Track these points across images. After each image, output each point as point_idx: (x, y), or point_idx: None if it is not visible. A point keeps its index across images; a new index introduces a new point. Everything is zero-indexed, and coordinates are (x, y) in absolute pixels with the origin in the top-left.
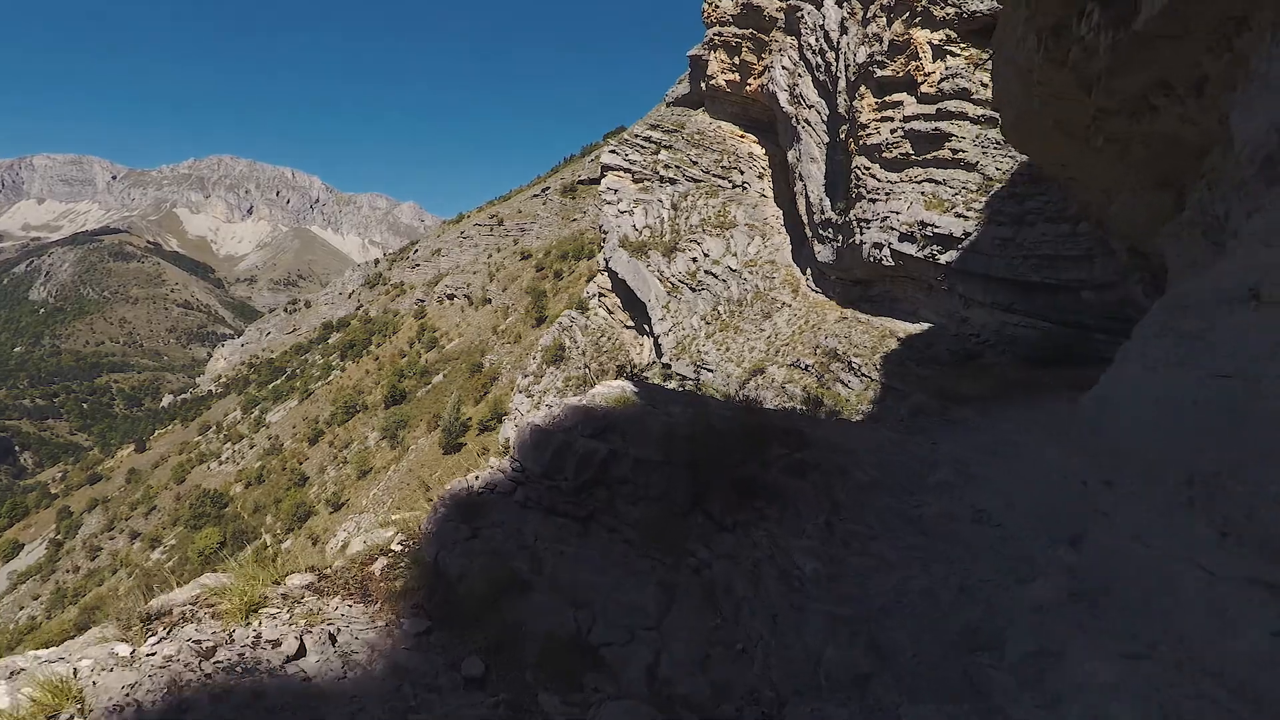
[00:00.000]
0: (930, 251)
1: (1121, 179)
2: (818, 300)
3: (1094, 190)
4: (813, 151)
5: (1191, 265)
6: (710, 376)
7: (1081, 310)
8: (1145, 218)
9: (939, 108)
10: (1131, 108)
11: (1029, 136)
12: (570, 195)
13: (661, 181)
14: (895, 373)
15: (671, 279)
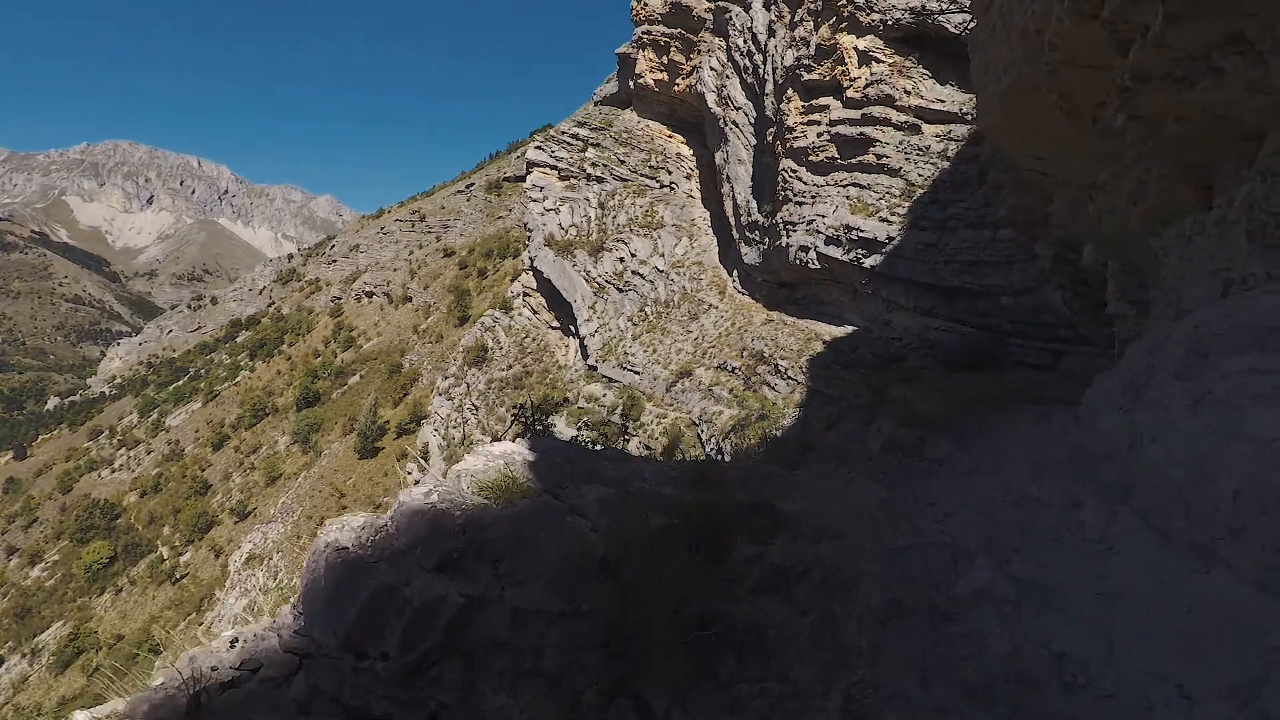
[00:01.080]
0: (855, 255)
1: (1125, 171)
2: (744, 302)
3: (1068, 188)
4: (740, 153)
5: (1219, 273)
6: (637, 379)
7: (1000, 315)
8: (1143, 218)
9: (864, 113)
10: (1182, 71)
11: (1015, 119)
12: (495, 192)
13: (588, 180)
14: (821, 376)
15: (598, 279)
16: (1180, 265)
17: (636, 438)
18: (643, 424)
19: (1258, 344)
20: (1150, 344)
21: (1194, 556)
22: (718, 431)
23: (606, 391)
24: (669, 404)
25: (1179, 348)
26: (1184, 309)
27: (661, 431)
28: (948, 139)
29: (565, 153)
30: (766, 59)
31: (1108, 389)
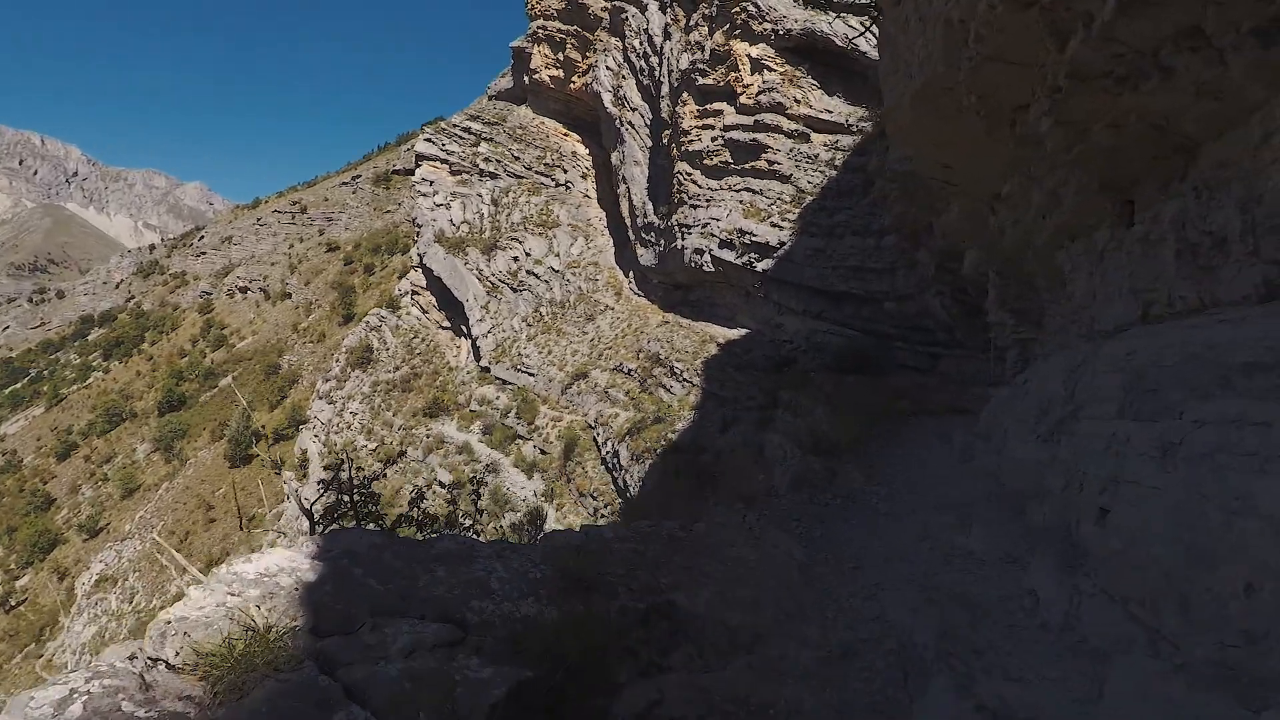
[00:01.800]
0: (748, 259)
1: (1037, 181)
2: (640, 304)
3: (969, 199)
4: (636, 154)
5: (1139, 294)
6: (532, 381)
7: (884, 320)
8: (1053, 231)
9: (757, 120)
10: (1126, 70)
11: (925, 123)
12: (384, 185)
13: (481, 175)
14: (716, 378)
15: (491, 278)
16: (1091, 282)
17: (531, 441)
18: (537, 427)
19: (1224, 383)
20: (1064, 365)
21: (1215, 683)
22: (614, 435)
23: (500, 394)
24: (565, 406)
25: (1111, 376)
26: (1099, 329)
27: (557, 435)
28: (835, 148)
29: (457, 147)
30: (662, 61)
31: (1015, 411)
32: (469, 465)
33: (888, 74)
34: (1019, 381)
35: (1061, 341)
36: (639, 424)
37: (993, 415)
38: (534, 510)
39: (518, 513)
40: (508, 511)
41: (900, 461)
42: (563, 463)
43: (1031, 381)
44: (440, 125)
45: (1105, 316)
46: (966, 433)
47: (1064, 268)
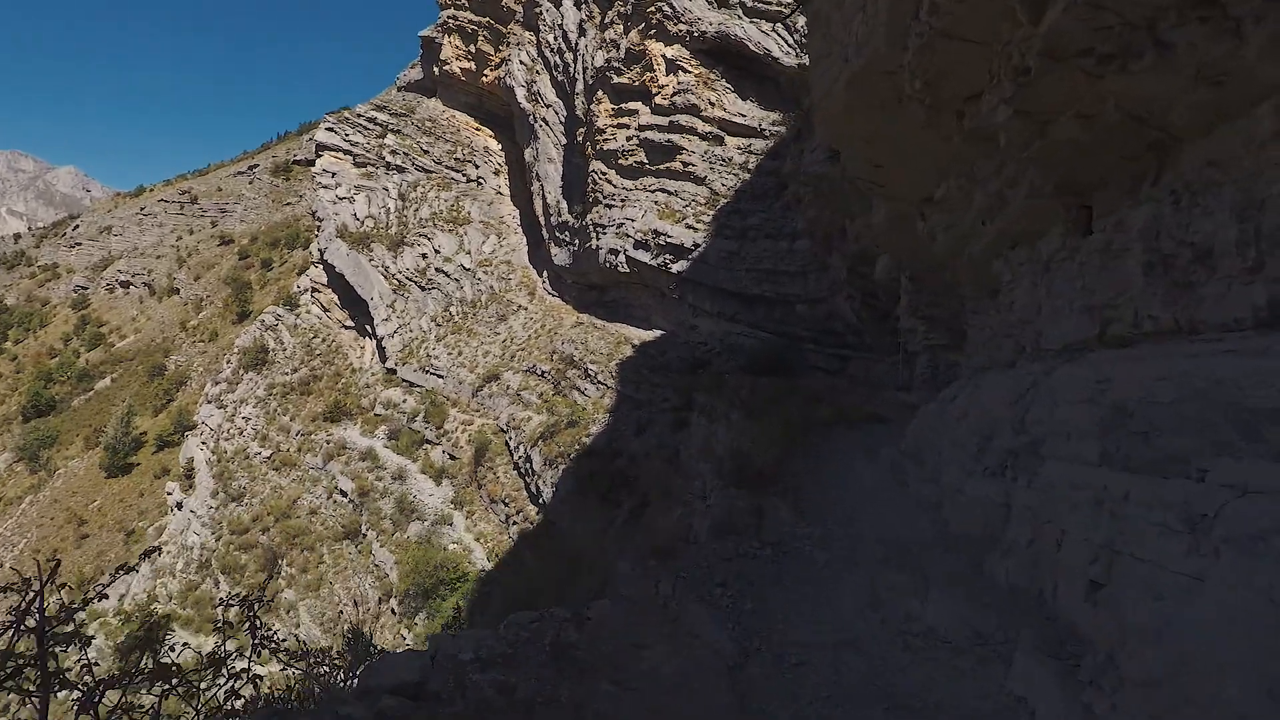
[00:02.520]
0: (663, 260)
1: (981, 183)
2: (554, 304)
3: (897, 202)
4: (550, 152)
5: (1094, 311)
6: (441, 383)
7: (796, 322)
8: (995, 237)
9: (672, 121)
10: (1114, 46)
11: (859, 115)
12: (284, 176)
13: (388, 169)
14: (631, 380)
15: (398, 275)
16: (1034, 294)
17: (440, 446)
18: (447, 431)
19: (1250, 434)
20: (1008, 387)
21: None
22: (527, 439)
23: (407, 396)
24: (475, 409)
25: (1080, 409)
26: (1046, 347)
27: (468, 439)
28: (749, 152)
29: (362, 137)
30: (577, 58)
31: (950, 432)
32: (373, 472)
33: (819, 58)
34: (946, 397)
35: (993, 356)
36: (552, 427)
37: (921, 433)
38: (441, 517)
39: (424, 521)
40: (414, 521)
41: (829, 486)
42: (473, 468)
43: (962, 399)
44: (344, 114)
45: (1053, 333)
46: (893, 448)
47: (1001, 277)
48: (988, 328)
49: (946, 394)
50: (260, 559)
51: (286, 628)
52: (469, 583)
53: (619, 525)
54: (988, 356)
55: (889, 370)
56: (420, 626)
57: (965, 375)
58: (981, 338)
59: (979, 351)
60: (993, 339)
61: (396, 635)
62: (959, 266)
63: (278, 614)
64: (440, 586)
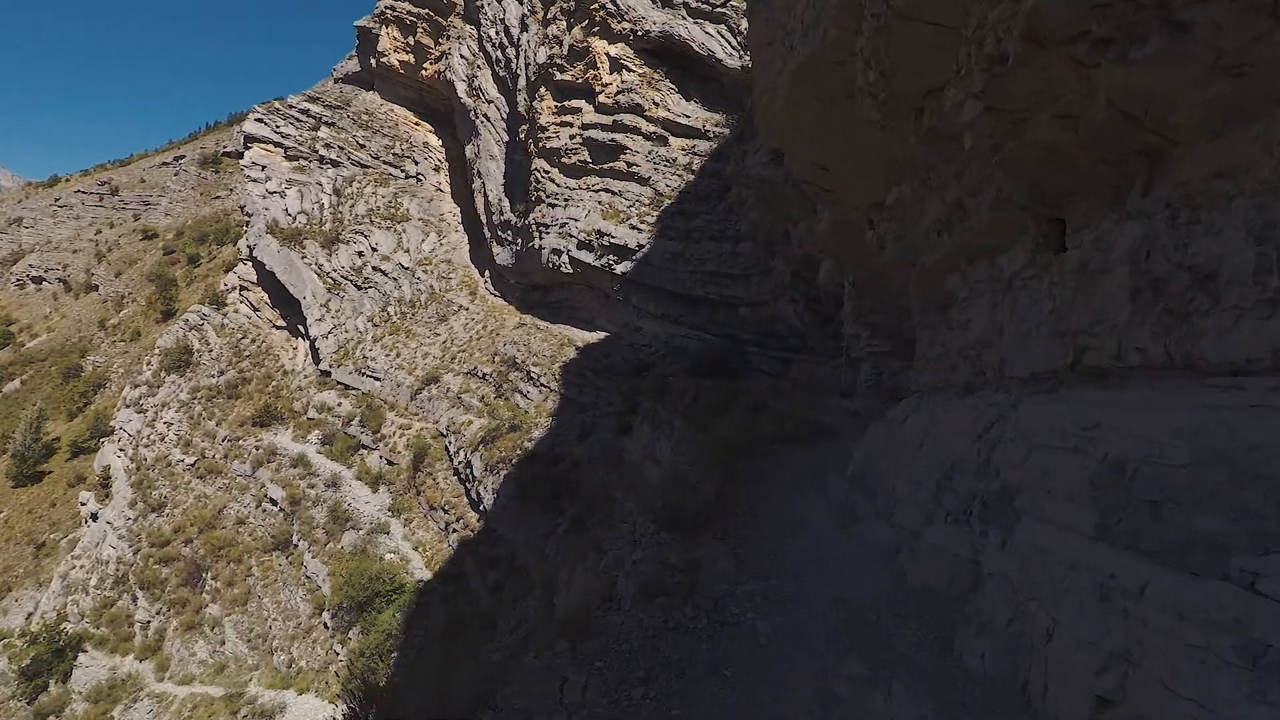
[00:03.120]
0: (607, 261)
1: (936, 190)
2: (496, 304)
3: (843, 209)
4: (492, 149)
5: (1068, 337)
6: (378, 385)
7: (739, 325)
8: (951, 249)
9: (615, 120)
10: (1114, 27)
11: (804, 110)
12: (213, 168)
13: (322, 163)
14: (574, 383)
15: (333, 274)
16: (995, 315)
17: (377, 451)
18: (384, 436)
19: None
20: (969, 418)
21: None
22: (467, 443)
23: (342, 400)
24: (414, 413)
25: (1067, 459)
26: (1011, 374)
27: (406, 444)
28: (693, 153)
29: (294, 129)
30: (519, 53)
31: (902, 463)
32: (306, 479)
33: (760, 46)
34: (895, 417)
35: (946, 376)
36: (494, 432)
37: (871, 458)
38: (377, 525)
39: (360, 530)
40: (349, 530)
41: (774, 525)
42: (411, 474)
43: (915, 423)
44: (274, 105)
45: (1018, 360)
46: (841, 474)
47: (956, 293)
48: (938, 343)
49: (895, 413)
50: (182, 572)
51: (211, 645)
52: (406, 594)
53: (561, 533)
54: (940, 376)
55: (831, 374)
56: (354, 641)
57: (915, 392)
58: (932, 353)
59: (929, 368)
60: (944, 356)
61: (329, 651)
62: (909, 278)
63: (201, 631)
64: (376, 599)
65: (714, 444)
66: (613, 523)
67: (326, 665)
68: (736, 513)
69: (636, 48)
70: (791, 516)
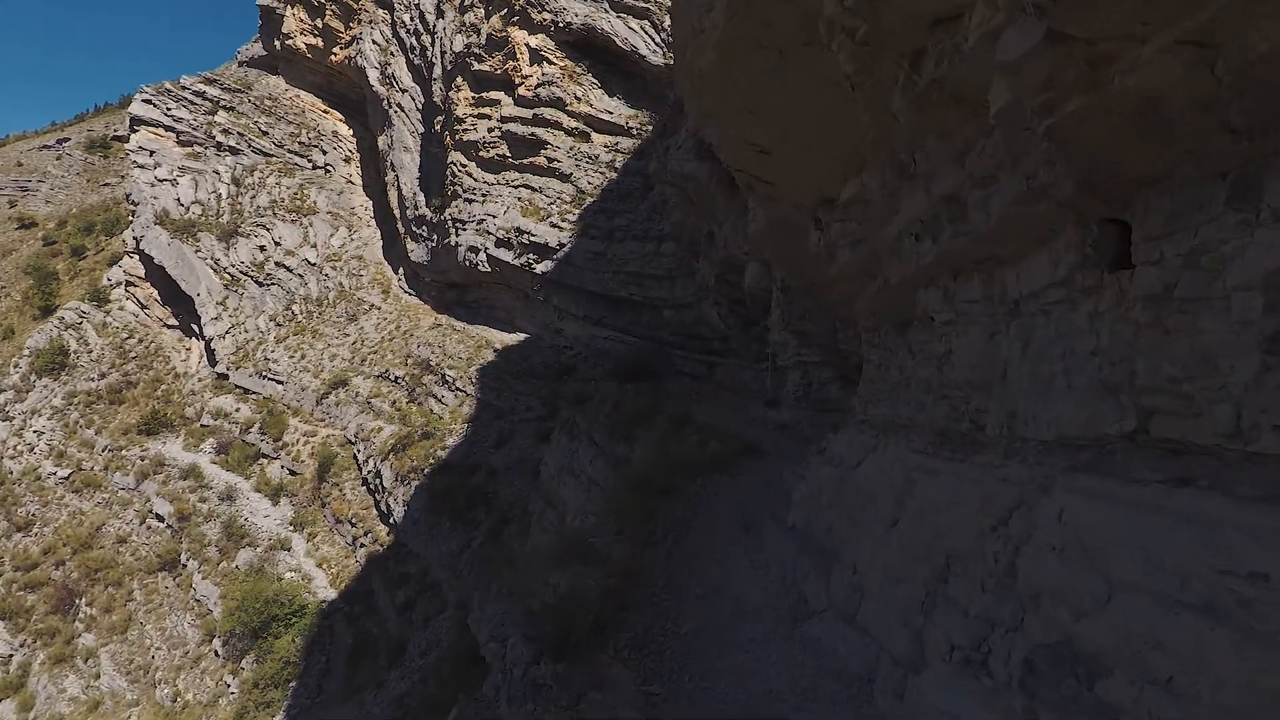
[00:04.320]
0: (527, 260)
1: (916, 179)
2: (411, 303)
3: (784, 204)
4: (406, 140)
5: (1135, 392)
6: (280, 389)
7: (663, 327)
8: (935, 259)
9: (536, 113)
10: None
11: (741, 58)
12: (102, 153)
13: (220, 150)
14: (492, 387)
15: (231, 269)
16: (993, 349)
17: (278, 460)
18: (286, 443)
19: None
20: (974, 493)
21: None
22: (377, 451)
23: (241, 405)
24: (320, 419)
25: (1215, 635)
26: (1029, 436)
27: (310, 453)
28: (615, 150)
29: (187, 113)
30: (435, 41)
31: (879, 553)
32: (197, 492)
33: (682, 20)
34: (844, 460)
35: (912, 415)
36: (405, 439)
37: (815, 509)
38: (277, 541)
39: (257, 548)
40: (245, 547)
41: (700, 619)
42: (316, 485)
43: (874, 471)
44: (165, 86)
45: (1041, 415)
46: (778, 525)
47: (932, 313)
48: (895, 369)
49: (842, 449)
50: (52, 599)
51: (84, 680)
52: (308, 616)
53: (476, 547)
54: (900, 412)
55: (756, 377)
56: (248, 671)
57: (862, 422)
58: (887, 381)
59: (884, 399)
60: (902, 388)
61: (219, 682)
62: (859, 290)
63: (73, 664)
64: (273, 623)
65: (631, 486)
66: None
67: (216, 699)
68: (652, 600)
69: (558, 40)
70: (723, 598)
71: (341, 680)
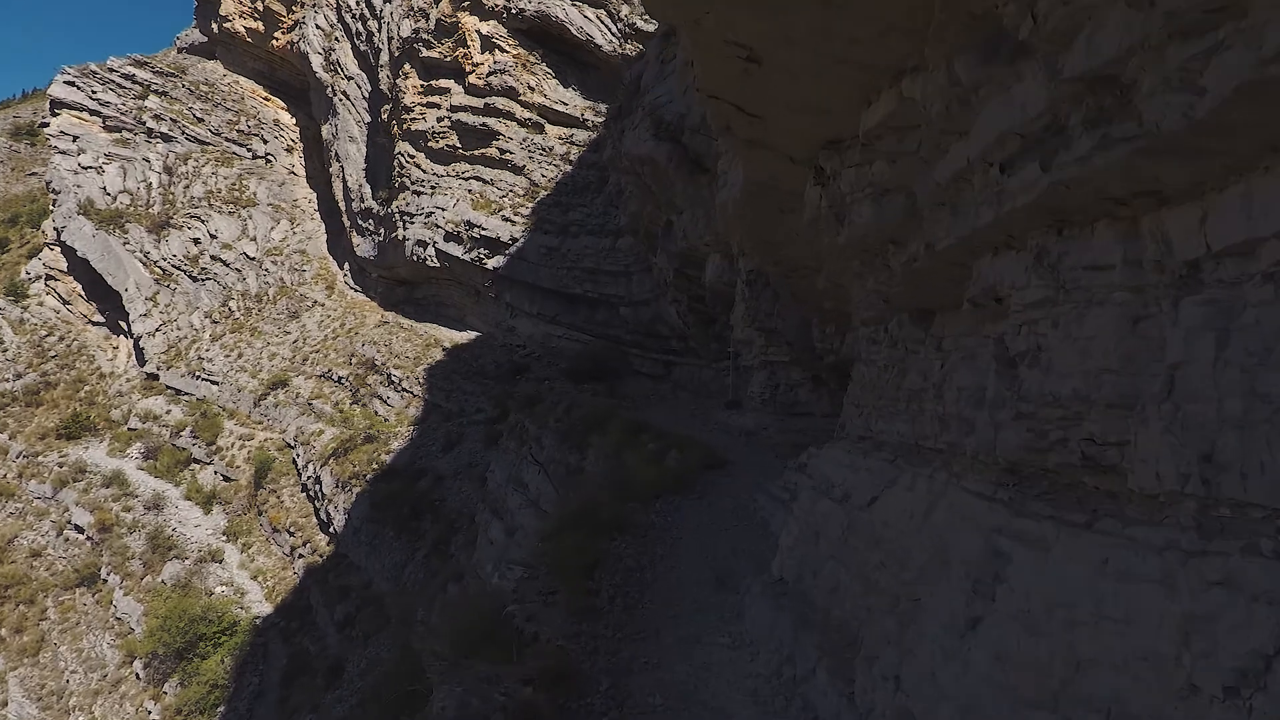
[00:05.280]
0: (477, 255)
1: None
2: (357, 300)
3: (774, 151)
4: (352, 130)
5: None
6: (215, 390)
7: (619, 326)
8: (1031, 203)
9: (487, 103)
10: None
11: None
12: (28, 139)
13: (151, 136)
14: (441, 388)
15: (163, 263)
16: (1146, 346)
17: (211, 465)
18: (220, 448)
19: None
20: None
21: None
22: (317, 456)
23: (172, 407)
24: (258, 422)
25: None
26: (1245, 501)
27: (246, 458)
28: (570, 142)
29: (115, 97)
30: (382, 26)
31: (929, 646)
32: (121, 501)
33: None
34: (851, 494)
35: (956, 439)
36: (348, 443)
37: (811, 560)
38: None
39: (185, 560)
40: (172, 559)
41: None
42: (252, 492)
43: (904, 523)
44: (90, 68)
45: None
46: (762, 582)
47: (1002, 292)
48: (917, 372)
49: (842, 481)
50: None
51: None
52: (240, 634)
53: (421, 559)
54: (923, 430)
55: (715, 377)
56: (171, 696)
57: (865, 446)
58: (898, 388)
59: (895, 412)
60: (928, 398)
61: (139, 708)
62: (876, 270)
63: None
64: (200, 642)
65: (572, 520)
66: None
67: None
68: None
69: (510, 27)
70: (693, 713)
71: (275, 703)
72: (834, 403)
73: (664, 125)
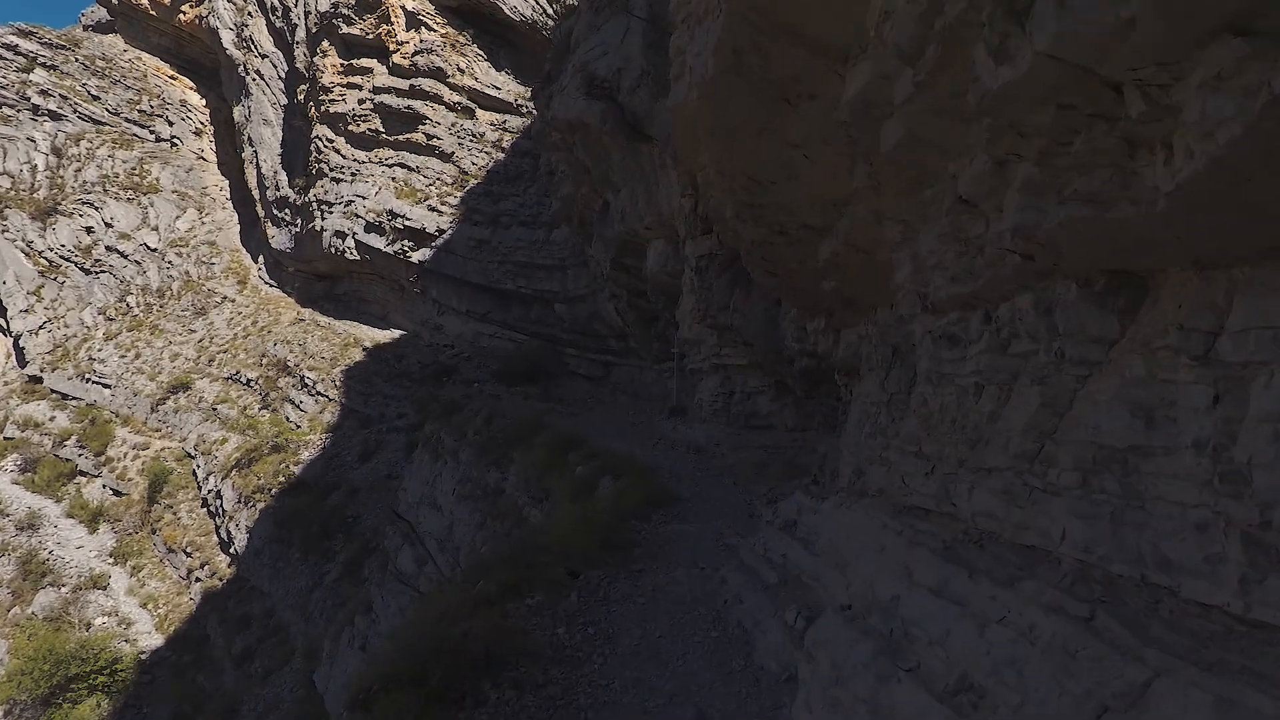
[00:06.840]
0: (401, 247)
1: None
2: (272, 295)
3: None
4: (266, 112)
5: None
6: (108, 394)
7: (555, 324)
8: None
9: (413, 84)
10: None
11: None
12: None
13: (37, 114)
14: (359, 391)
15: (49, 254)
16: None
17: (99, 478)
18: (111, 458)
19: None
20: None
21: None
22: (218, 467)
23: (56, 413)
24: (155, 429)
25: None
26: None
27: (141, 469)
28: (503, 129)
29: None
30: (299, 1)
31: None
32: None
33: None
34: (905, 632)
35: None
36: (253, 452)
37: None
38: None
39: (62, 587)
40: (47, 587)
41: None
42: (146, 507)
43: None
44: None
45: None
46: None
47: None
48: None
49: (905, 611)
50: None
51: None
52: (123, 671)
53: (330, 583)
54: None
55: (658, 379)
56: None
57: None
58: (1005, 430)
59: (995, 470)
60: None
61: None
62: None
63: None
64: (73, 684)
65: (428, 654)
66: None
67: None
68: None
69: (439, 4)
70: None
71: None
72: (800, 414)
73: (597, 82)
